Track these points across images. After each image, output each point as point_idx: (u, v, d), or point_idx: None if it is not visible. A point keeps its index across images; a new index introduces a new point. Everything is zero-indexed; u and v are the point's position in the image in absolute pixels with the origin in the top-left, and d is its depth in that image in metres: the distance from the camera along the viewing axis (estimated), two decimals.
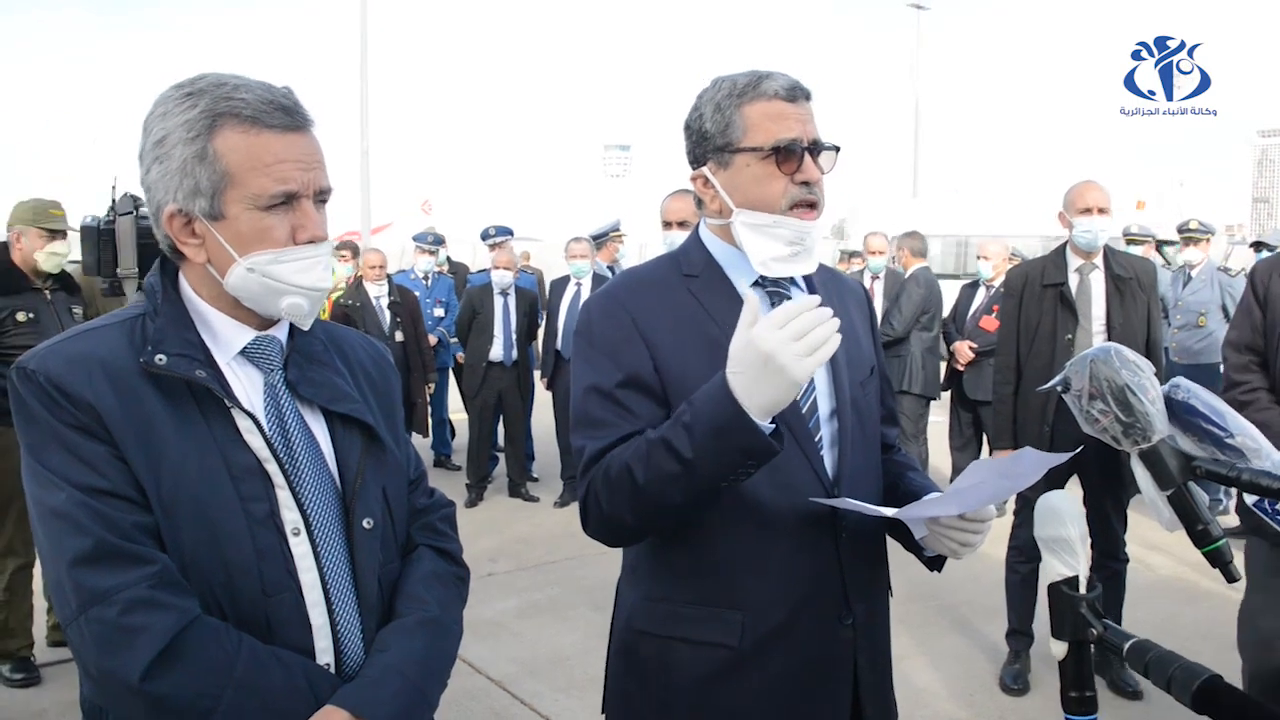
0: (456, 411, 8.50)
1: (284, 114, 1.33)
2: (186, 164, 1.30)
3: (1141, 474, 1.40)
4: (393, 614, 1.46)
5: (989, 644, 4.60)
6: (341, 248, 9.03)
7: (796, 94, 1.66)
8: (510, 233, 8.40)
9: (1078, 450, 1.69)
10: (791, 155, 1.63)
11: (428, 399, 7.65)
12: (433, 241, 8.56)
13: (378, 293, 7.17)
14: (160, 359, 1.29)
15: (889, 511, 1.59)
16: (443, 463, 8.53)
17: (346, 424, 1.45)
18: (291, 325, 1.45)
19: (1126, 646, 1.21)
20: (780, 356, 1.38)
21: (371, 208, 21.24)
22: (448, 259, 9.56)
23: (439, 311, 8.24)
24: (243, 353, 1.39)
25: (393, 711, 1.34)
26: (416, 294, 7.70)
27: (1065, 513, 1.31)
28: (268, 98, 1.33)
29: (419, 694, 1.39)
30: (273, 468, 1.34)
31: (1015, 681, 4.18)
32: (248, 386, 1.38)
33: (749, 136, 1.64)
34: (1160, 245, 8.87)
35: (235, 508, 1.30)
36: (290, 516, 1.35)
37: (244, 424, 1.33)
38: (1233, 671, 4.29)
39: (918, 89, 24.18)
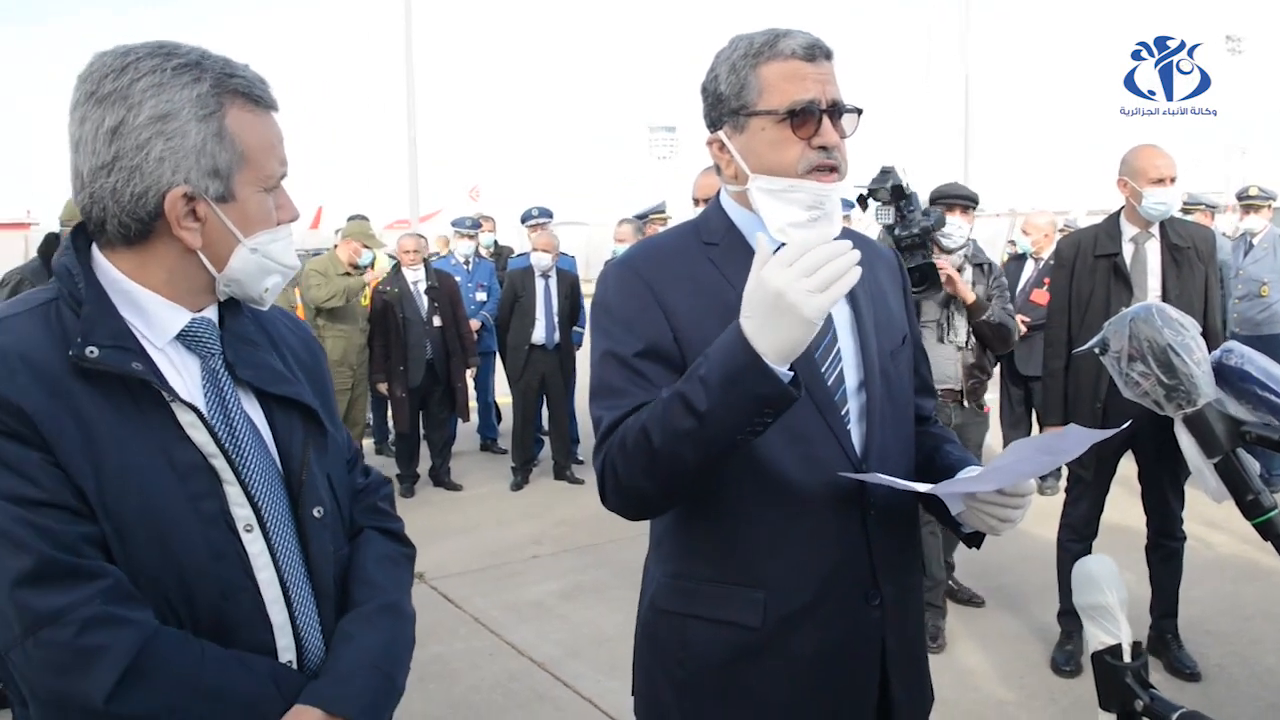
0: (503, 395, 8.52)
1: (268, 92, 1.31)
2: (205, 143, 1.23)
3: (1186, 440, 1.32)
4: (348, 600, 1.41)
5: (1040, 625, 4.49)
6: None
7: (815, 53, 1.58)
8: (550, 215, 8.36)
9: (1125, 426, 1.60)
10: (809, 118, 1.55)
11: (469, 383, 7.67)
12: (471, 225, 8.55)
13: (415, 278, 7.17)
14: (92, 352, 1.19)
15: (922, 487, 1.53)
16: (489, 446, 8.57)
17: (285, 407, 1.38)
18: (220, 306, 1.37)
19: (1174, 718, 1.15)
20: (790, 294, 1.31)
21: (420, 195, 21.38)
22: (495, 242, 9.55)
23: (481, 295, 8.22)
24: (179, 337, 1.30)
25: (365, 704, 1.30)
26: (456, 278, 7.70)
27: (1102, 578, 1.26)
28: (256, 75, 1.31)
29: (388, 682, 1.36)
30: (219, 463, 1.26)
31: (1068, 663, 4.07)
32: (185, 375, 1.30)
33: (764, 98, 1.57)
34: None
35: (184, 508, 1.22)
36: (241, 513, 1.28)
37: (186, 418, 1.25)
38: None
39: (967, 61, 23.66)
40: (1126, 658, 1.21)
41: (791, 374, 1.38)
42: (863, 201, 4.20)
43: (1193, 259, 3.98)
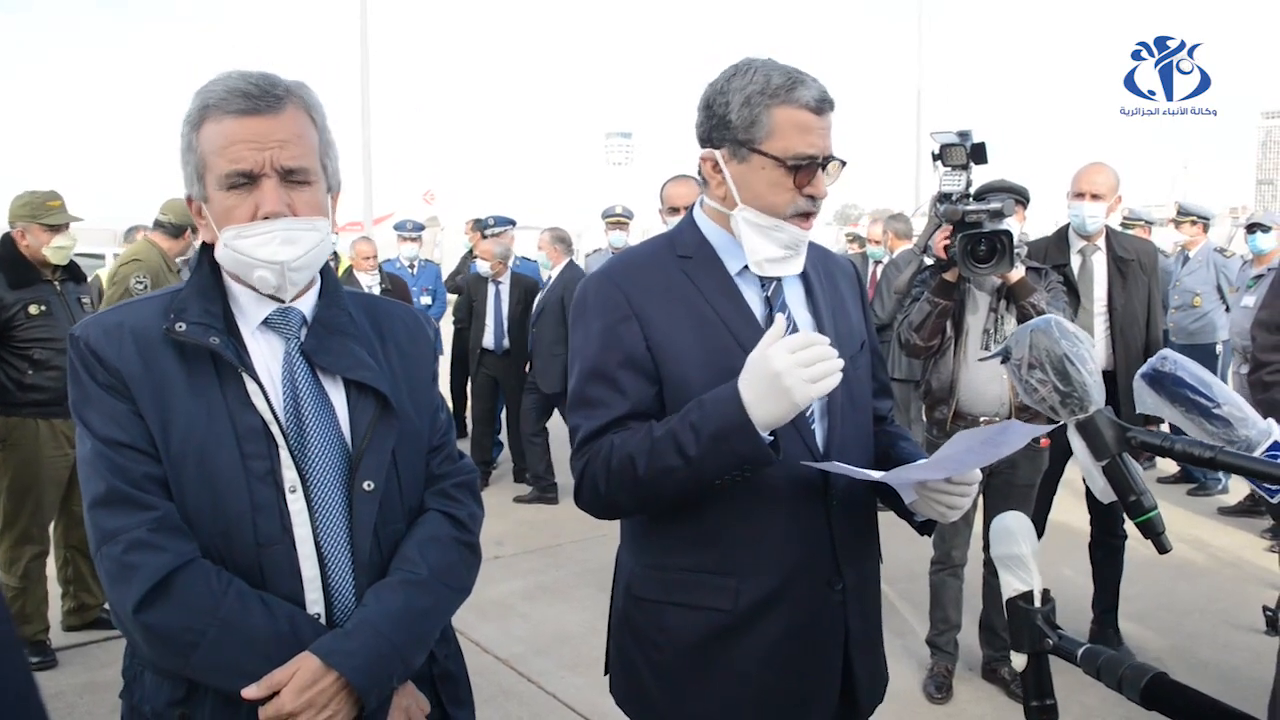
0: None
1: (244, 99, 1.43)
2: (185, 154, 1.48)
3: (1078, 444, 1.40)
4: (386, 573, 1.53)
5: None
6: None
7: (824, 107, 1.69)
8: (511, 223, 8.39)
9: (1058, 424, 1.72)
10: (808, 171, 1.68)
11: None
12: (413, 229, 8.64)
13: (370, 282, 7.28)
14: (180, 326, 1.43)
15: (876, 475, 1.64)
16: None
17: (361, 391, 1.54)
18: (323, 296, 1.58)
19: (1079, 653, 1.24)
20: (787, 378, 1.48)
21: (374, 198, 21.22)
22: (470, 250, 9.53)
23: (425, 299, 8.32)
24: (265, 323, 1.51)
25: (361, 663, 1.41)
26: (405, 282, 7.79)
27: (1017, 531, 1.34)
28: (232, 85, 1.44)
29: (391, 649, 1.45)
30: (276, 429, 1.45)
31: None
32: (268, 354, 1.50)
33: (772, 142, 1.67)
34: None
35: (235, 463, 1.42)
36: (288, 475, 1.44)
37: (253, 388, 1.45)
38: (1226, 642, 4.37)
39: (920, 76, 24.01)
40: (1037, 603, 1.31)
41: (772, 439, 1.55)
42: (935, 159, 3.58)
43: (1137, 271, 4.17)
